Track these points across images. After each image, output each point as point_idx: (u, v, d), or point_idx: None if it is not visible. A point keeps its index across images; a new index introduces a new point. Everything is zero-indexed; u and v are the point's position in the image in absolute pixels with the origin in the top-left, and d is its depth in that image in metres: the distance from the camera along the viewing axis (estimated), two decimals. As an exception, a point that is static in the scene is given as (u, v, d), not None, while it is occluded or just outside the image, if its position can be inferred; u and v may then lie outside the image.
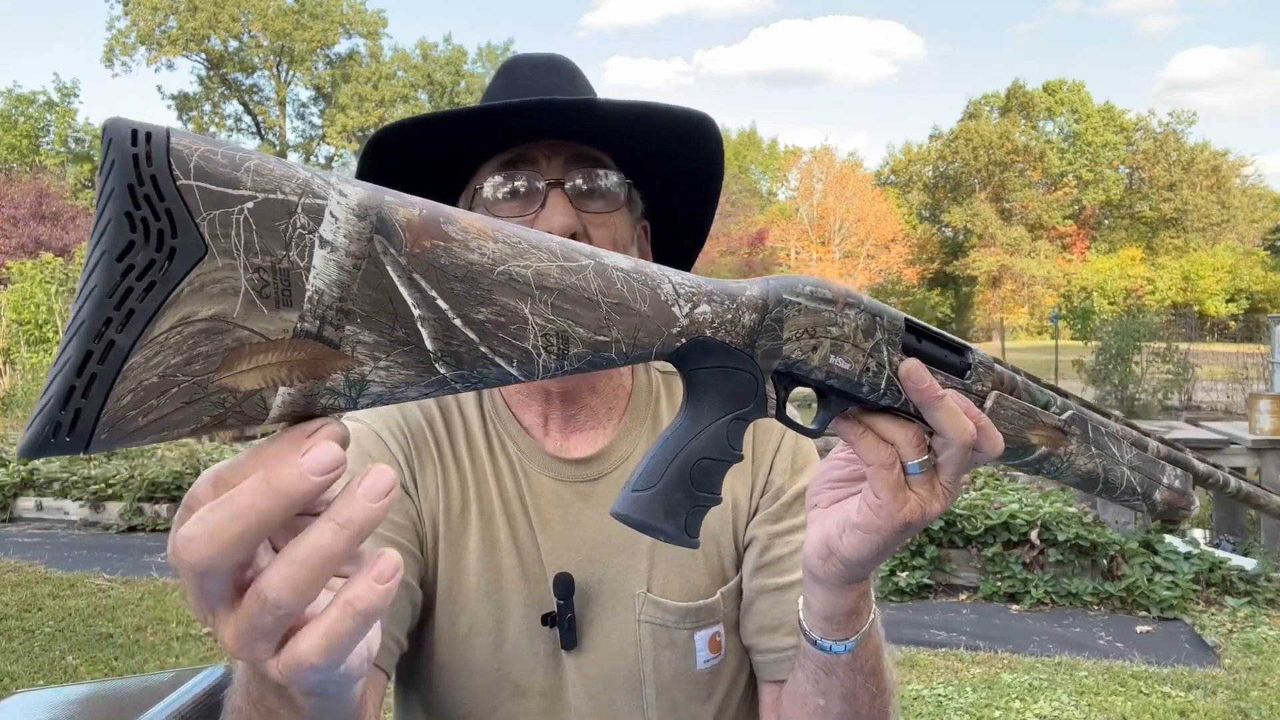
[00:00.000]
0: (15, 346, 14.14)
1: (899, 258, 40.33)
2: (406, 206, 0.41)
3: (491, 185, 0.90)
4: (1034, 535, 5.18)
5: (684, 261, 1.05)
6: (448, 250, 0.42)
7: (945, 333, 0.63)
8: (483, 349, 0.43)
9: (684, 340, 0.51)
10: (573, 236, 0.87)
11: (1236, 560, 5.27)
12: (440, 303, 0.41)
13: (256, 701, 0.55)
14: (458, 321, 0.42)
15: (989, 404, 0.64)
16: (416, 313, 0.41)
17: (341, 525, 0.39)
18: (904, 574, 5.24)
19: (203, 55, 39.08)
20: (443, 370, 0.42)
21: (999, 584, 5.17)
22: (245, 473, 0.39)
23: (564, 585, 0.91)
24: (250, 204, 0.37)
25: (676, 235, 1.05)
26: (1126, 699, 3.88)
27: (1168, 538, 5.51)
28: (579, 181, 0.90)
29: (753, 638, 0.95)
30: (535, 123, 0.89)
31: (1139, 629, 4.73)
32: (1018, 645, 4.50)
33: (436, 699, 0.95)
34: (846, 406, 0.60)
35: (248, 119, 41.95)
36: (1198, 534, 5.93)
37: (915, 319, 0.61)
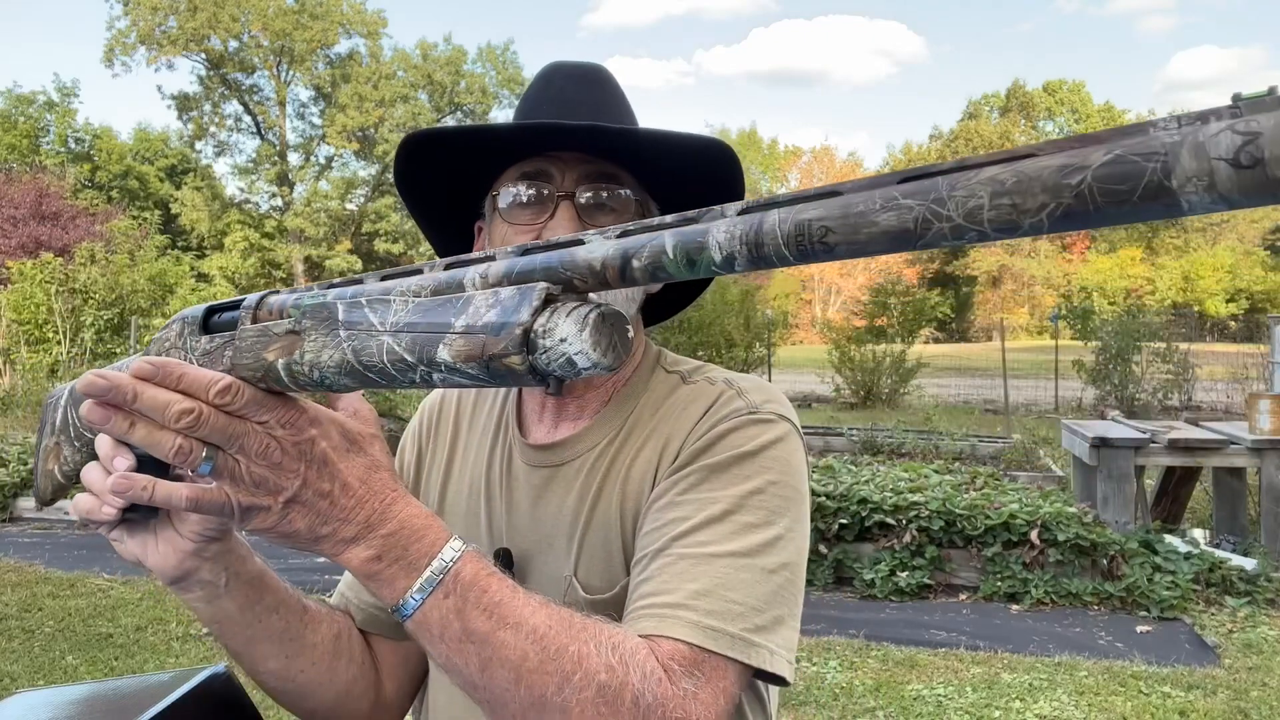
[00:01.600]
0: (15, 346, 14.14)
1: (899, 258, 40.32)
2: None
3: (507, 193, 0.96)
4: (1034, 535, 5.18)
5: None
6: None
7: (239, 300, 0.69)
8: None
9: None
10: None
11: (1236, 560, 5.27)
12: None
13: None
14: None
15: (204, 345, 0.70)
16: None
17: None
18: (904, 574, 5.24)
19: (203, 55, 39.02)
20: None
21: (999, 584, 5.17)
22: None
23: (503, 560, 0.97)
24: None
25: None
26: (1126, 699, 3.88)
27: (1168, 538, 5.51)
28: (590, 196, 0.94)
29: None
30: (553, 138, 0.94)
31: (1139, 629, 4.73)
32: (1018, 645, 4.50)
33: (407, 656, 1.06)
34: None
35: (248, 119, 41.90)
36: (1198, 534, 5.93)
37: (221, 303, 0.71)
